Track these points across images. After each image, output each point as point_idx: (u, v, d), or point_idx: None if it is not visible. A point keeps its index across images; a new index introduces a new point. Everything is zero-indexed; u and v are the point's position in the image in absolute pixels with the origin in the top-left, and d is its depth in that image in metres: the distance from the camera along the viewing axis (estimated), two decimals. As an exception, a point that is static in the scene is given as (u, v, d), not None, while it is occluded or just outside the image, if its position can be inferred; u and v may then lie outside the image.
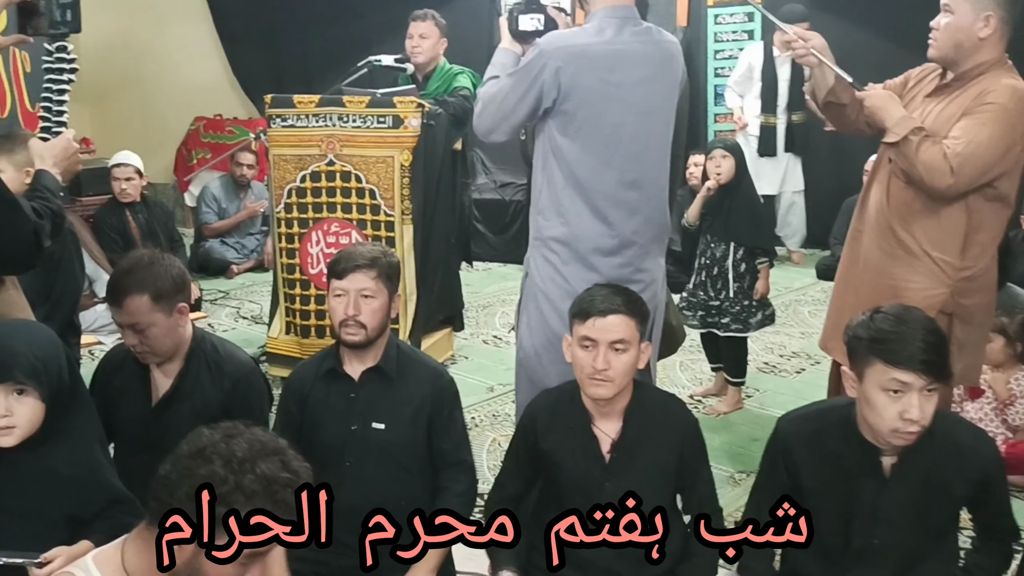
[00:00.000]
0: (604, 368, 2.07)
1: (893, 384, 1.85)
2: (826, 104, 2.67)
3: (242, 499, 1.39)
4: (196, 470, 1.39)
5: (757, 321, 3.79)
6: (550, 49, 2.33)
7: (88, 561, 1.47)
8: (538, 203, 2.49)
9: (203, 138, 7.73)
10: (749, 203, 3.88)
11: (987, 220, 2.50)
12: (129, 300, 2.23)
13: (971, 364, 2.65)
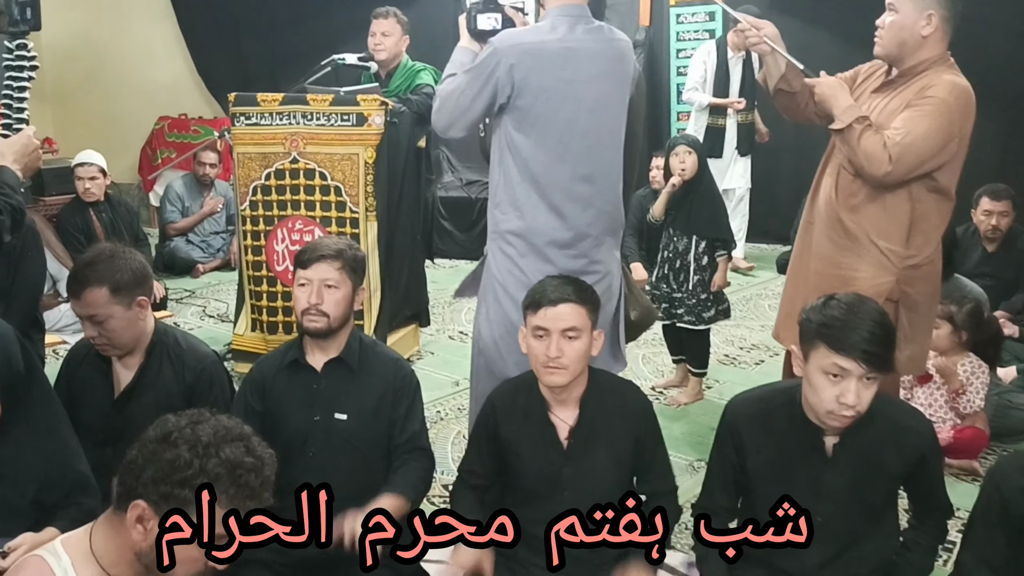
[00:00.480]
0: (557, 356, 2.13)
1: (833, 368, 1.93)
2: (777, 91, 2.74)
3: (204, 482, 1.43)
4: (162, 454, 1.44)
5: (710, 316, 3.88)
6: (504, 47, 2.38)
7: (57, 545, 1.50)
8: (495, 197, 2.54)
9: (168, 137, 7.69)
10: (710, 197, 3.97)
11: (930, 211, 2.58)
12: (88, 292, 2.25)
13: (917, 352, 2.73)
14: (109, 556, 1.50)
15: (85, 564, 1.48)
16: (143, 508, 1.45)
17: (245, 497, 1.48)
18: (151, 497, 1.45)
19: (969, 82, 2.60)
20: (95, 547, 1.50)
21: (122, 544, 1.49)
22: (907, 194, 2.53)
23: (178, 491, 1.44)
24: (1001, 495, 1.97)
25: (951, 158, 2.52)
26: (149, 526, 1.46)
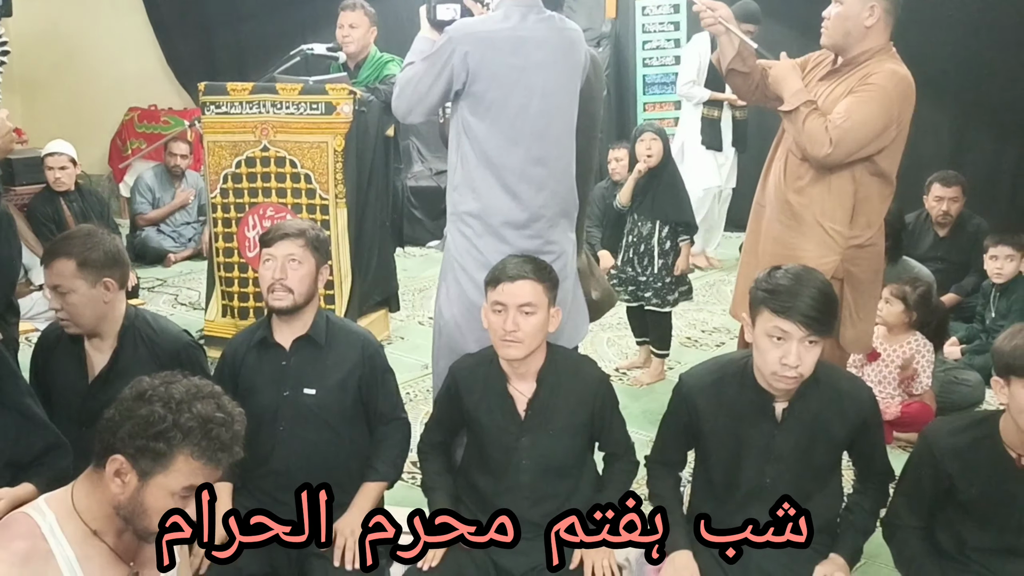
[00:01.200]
0: (514, 329, 2.23)
1: (776, 331, 2.05)
2: (729, 71, 2.85)
3: (179, 436, 1.53)
4: (137, 411, 1.53)
5: (674, 298, 4.01)
6: (459, 35, 2.48)
7: (41, 503, 1.59)
8: (453, 180, 2.64)
9: (137, 128, 7.70)
10: (673, 183, 4.11)
11: (873, 194, 2.70)
12: (56, 262, 2.33)
13: (863, 331, 2.85)
14: (91, 512, 1.58)
15: (68, 520, 1.57)
16: (120, 462, 1.54)
17: (216, 449, 1.57)
18: (128, 451, 1.53)
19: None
20: (77, 504, 1.59)
21: (102, 499, 1.58)
22: (850, 177, 2.65)
23: (153, 444, 1.53)
24: (932, 454, 2.11)
25: (890, 143, 2.64)
26: (127, 479, 1.54)
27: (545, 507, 2.36)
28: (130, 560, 1.63)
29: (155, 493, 1.55)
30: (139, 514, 1.57)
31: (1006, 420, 2.02)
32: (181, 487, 1.56)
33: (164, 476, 1.55)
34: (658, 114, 7.19)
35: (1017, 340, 1.94)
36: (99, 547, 1.58)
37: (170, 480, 1.55)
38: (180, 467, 1.55)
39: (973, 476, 2.05)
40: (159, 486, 1.55)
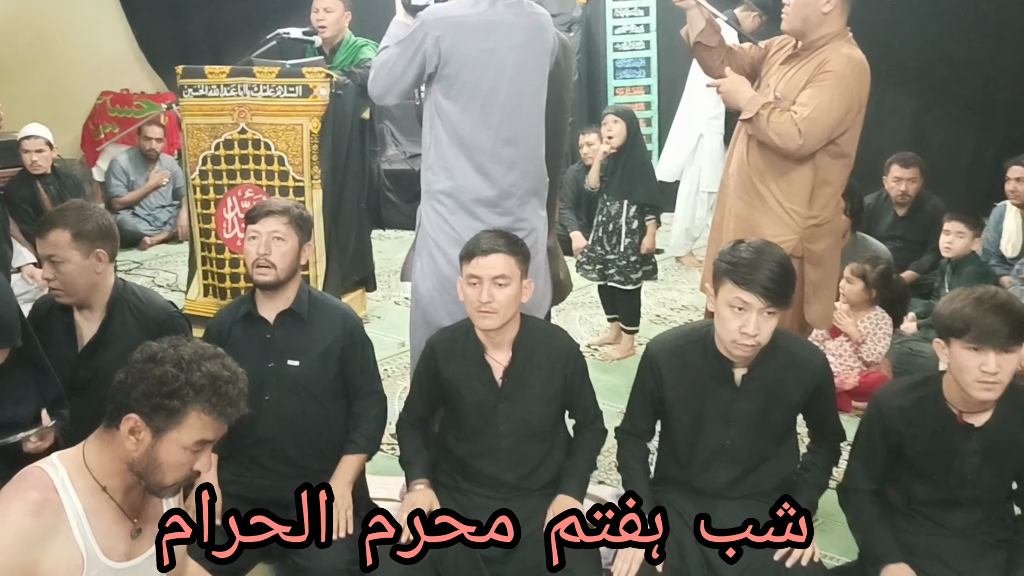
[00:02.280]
0: (488, 300, 2.34)
1: (737, 302, 2.18)
2: (696, 44, 2.98)
3: (192, 393, 1.63)
4: (150, 371, 1.63)
5: (638, 276, 4.15)
6: (431, 20, 2.57)
7: (54, 459, 1.68)
8: (427, 159, 2.73)
9: (110, 112, 7.68)
10: (640, 164, 4.23)
11: (831, 175, 2.83)
12: (52, 232, 2.42)
13: (824, 309, 2.99)
14: (102, 468, 1.68)
15: (79, 475, 1.66)
16: (135, 420, 1.63)
17: (226, 404, 1.67)
18: (143, 410, 1.62)
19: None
20: (88, 461, 1.68)
21: (113, 457, 1.67)
22: (811, 163, 2.78)
23: (167, 402, 1.62)
24: (882, 414, 2.25)
25: (852, 124, 2.79)
26: (141, 436, 1.63)
27: (521, 470, 2.48)
28: (134, 517, 1.73)
29: (169, 448, 1.64)
30: (153, 469, 1.66)
31: (948, 379, 2.17)
32: (193, 441, 1.65)
33: (177, 432, 1.64)
34: (628, 98, 7.32)
35: (955, 304, 2.08)
36: (107, 502, 1.68)
37: (183, 435, 1.64)
38: (192, 423, 1.64)
39: (919, 432, 2.20)
40: (173, 441, 1.64)
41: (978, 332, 2.02)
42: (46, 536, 1.59)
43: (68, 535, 1.61)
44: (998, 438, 2.15)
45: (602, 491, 3.00)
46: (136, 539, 1.73)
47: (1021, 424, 2.16)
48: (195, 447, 1.67)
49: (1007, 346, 2.02)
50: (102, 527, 1.66)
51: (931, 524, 2.24)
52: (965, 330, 2.04)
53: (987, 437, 2.16)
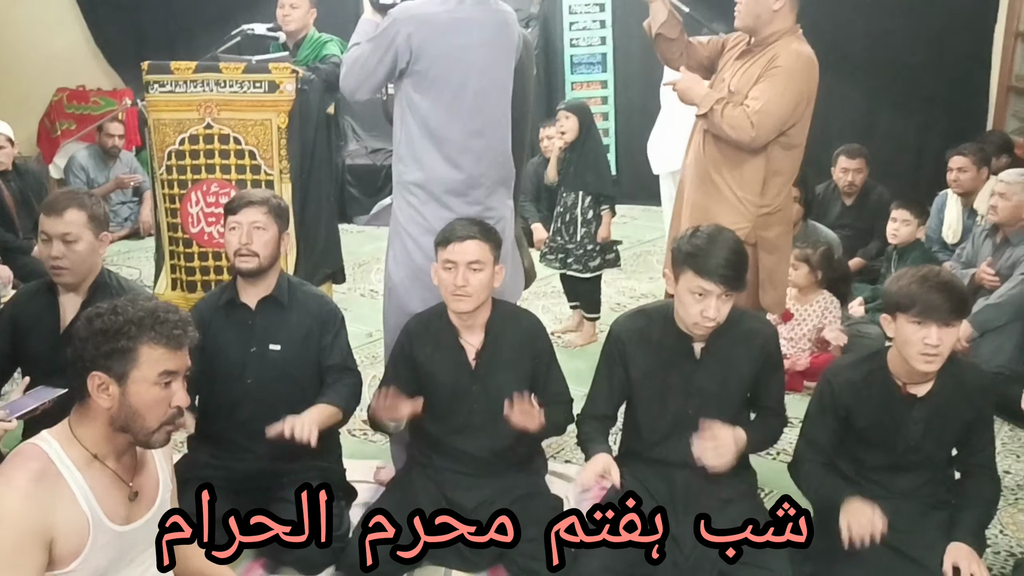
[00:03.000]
0: (463, 284, 2.46)
1: (698, 289, 2.32)
2: (657, 36, 3.11)
3: (135, 329, 1.71)
4: (93, 327, 1.72)
5: (596, 264, 4.30)
6: (402, 17, 2.66)
7: (44, 435, 1.76)
8: (398, 152, 2.83)
9: (67, 109, 7.62)
10: (594, 156, 4.37)
11: (782, 165, 2.98)
12: (69, 211, 2.55)
13: (778, 295, 3.14)
14: (90, 437, 1.76)
15: (71, 447, 1.74)
16: (98, 376, 1.71)
17: (172, 329, 1.74)
18: (100, 364, 1.71)
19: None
20: (76, 433, 1.76)
21: (96, 423, 1.75)
22: (764, 154, 2.92)
23: (116, 344, 1.70)
24: (831, 388, 2.41)
25: (802, 117, 2.94)
26: (110, 390, 1.71)
27: (495, 446, 2.61)
28: (129, 480, 1.81)
29: (137, 390, 1.72)
30: (132, 417, 1.73)
31: (893, 353, 2.33)
32: (156, 374, 1.73)
33: (137, 370, 1.71)
34: (586, 93, 7.45)
35: (902, 282, 2.24)
36: (101, 469, 1.76)
37: (144, 371, 1.72)
38: (147, 356, 1.72)
39: (866, 403, 2.36)
40: (137, 381, 1.72)
41: (922, 307, 2.18)
42: (53, 503, 1.67)
43: (72, 500, 1.70)
44: (939, 407, 2.32)
45: (568, 469, 3.12)
46: (134, 502, 1.81)
47: (959, 394, 2.33)
48: (161, 379, 1.73)
49: (948, 320, 2.19)
50: (101, 493, 1.74)
51: (879, 488, 2.39)
52: (910, 305, 2.20)
53: (929, 406, 2.32)
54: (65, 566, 1.71)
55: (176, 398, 1.77)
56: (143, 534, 1.85)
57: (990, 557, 2.63)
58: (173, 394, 1.76)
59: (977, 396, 2.33)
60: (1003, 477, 3.07)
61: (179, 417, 1.80)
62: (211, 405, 2.63)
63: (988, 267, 3.92)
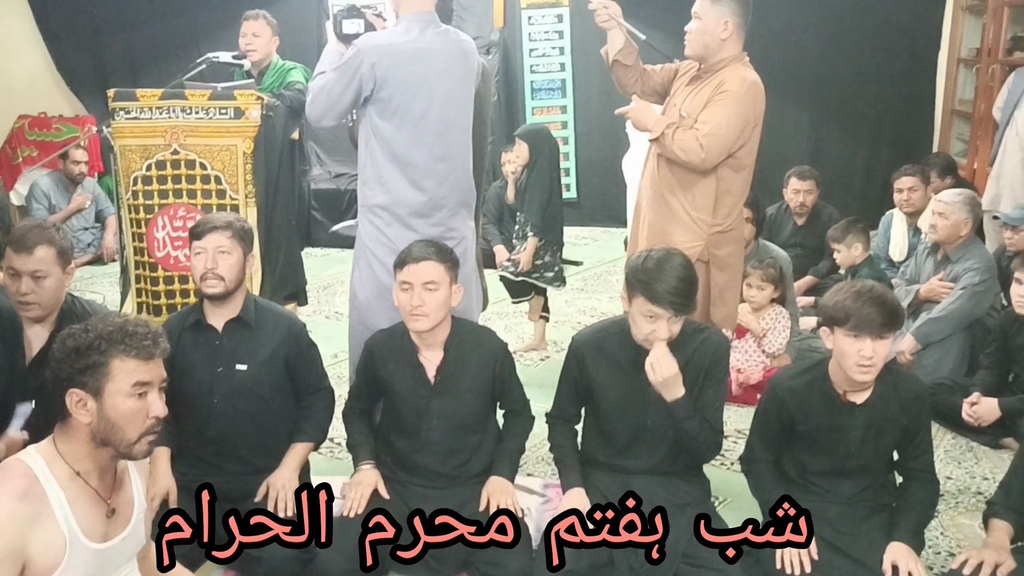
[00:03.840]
0: (420, 304, 2.55)
1: (649, 313, 2.43)
2: (614, 63, 3.24)
3: (105, 343, 1.78)
4: (66, 347, 1.79)
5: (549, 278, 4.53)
6: (366, 47, 2.76)
7: (31, 450, 1.82)
8: (363, 175, 2.92)
9: (28, 136, 7.61)
10: (535, 183, 4.53)
11: (732, 186, 3.12)
12: (39, 248, 2.58)
13: (729, 311, 3.27)
14: (74, 454, 1.82)
15: (55, 463, 1.80)
16: (75, 393, 1.78)
17: (141, 340, 1.81)
18: (76, 380, 1.77)
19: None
20: (60, 450, 1.82)
21: (79, 441, 1.81)
22: (714, 175, 3.06)
23: (88, 359, 1.77)
24: (776, 395, 2.54)
25: (749, 139, 3.08)
26: (88, 405, 1.78)
27: (455, 460, 2.69)
28: (108, 498, 1.87)
29: (114, 403, 1.78)
30: (112, 430, 1.79)
31: (833, 363, 2.46)
32: (130, 386, 1.79)
33: (111, 383, 1.78)
34: (546, 117, 7.61)
35: (838, 297, 2.37)
36: (83, 487, 1.82)
37: (118, 384, 1.78)
38: (119, 368, 1.78)
39: (809, 410, 2.49)
40: (112, 394, 1.78)
41: (857, 321, 2.32)
42: (33, 520, 1.72)
43: (52, 518, 1.75)
44: (877, 414, 2.45)
45: (531, 482, 3.21)
46: (111, 519, 1.87)
47: (896, 401, 2.46)
48: (135, 391, 1.79)
49: (881, 333, 2.32)
50: (81, 510, 1.80)
51: (822, 492, 2.52)
52: (846, 319, 2.33)
53: (867, 414, 2.45)
54: None
55: (153, 408, 1.83)
56: (119, 551, 1.91)
57: (931, 557, 2.76)
58: (150, 405, 1.82)
59: (913, 403, 2.46)
60: (945, 482, 3.24)
61: (158, 427, 1.85)
62: (179, 424, 2.67)
63: (939, 280, 4.07)
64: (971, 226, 4.03)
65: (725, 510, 2.98)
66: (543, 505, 2.98)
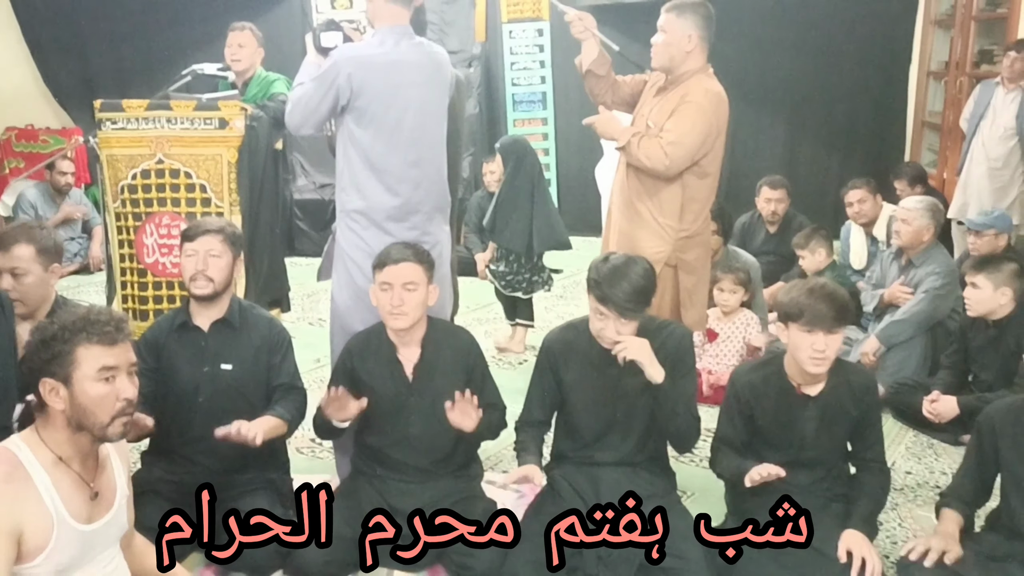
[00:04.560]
0: (399, 304, 2.66)
1: (598, 311, 2.56)
2: (587, 73, 3.36)
3: (68, 333, 1.89)
4: (34, 337, 1.91)
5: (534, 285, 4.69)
6: (343, 59, 2.88)
7: (15, 438, 1.93)
8: (341, 182, 3.03)
9: (15, 148, 7.70)
10: (508, 196, 4.69)
11: (698, 193, 3.23)
12: (17, 247, 2.68)
13: (698, 313, 3.38)
14: (55, 440, 1.92)
15: (39, 449, 1.91)
16: (47, 383, 1.89)
17: (102, 327, 1.91)
18: (46, 370, 1.88)
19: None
20: (42, 437, 1.92)
21: (57, 428, 1.91)
22: (679, 183, 3.18)
23: (54, 350, 1.88)
24: (736, 389, 2.66)
25: (712, 147, 3.21)
26: (60, 392, 1.88)
27: (432, 456, 2.80)
28: (91, 481, 1.97)
29: (83, 388, 1.88)
30: (85, 413, 1.89)
31: (788, 357, 2.59)
32: (96, 371, 1.89)
33: (78, 370, 1.88)
34: (527, 129, 7.75)
35: (792, 294, 2.50)
36: (66, 471, 1.92)
37: (84, 370, 1.89)
38: (84, 355, 1.89)
39: (766, 403, 2.61)
40: (80, 380, 1.88)
41: (810, 316, 2.44)
42: (20, 500, 1.83)
43: (39, 500, 1.85)
44: (830, 405, 2.58)
45: (496, 477, 3.32)
46: (95, 502, 1.97)
47: (848, 394, 2.59)
48: (101, 375, 1.90)
49: (832, 327, 2.45)
50: (65, 493, 1.90)
51: (781, 483, 2.62)
52: (800, 315, 2.46)
53: (821, 405, 2.58)
54: (31, 560, 1.86)
55: (122, 391, 1.92)
56: (103, 534, 2.01)
57: (888, 546, 2.88)
58: (119, 388, 1.92)
59: (864, 395, 2.59)
60: (905, 477, 3.38)
61: (129, 409, 1.95)
62: (165, 422, 2.75)
63: (901, 285, 4.21)
64: (933, 232, 4.17)
65: (691, 503, 3.10)
66: (517, 500, 3.09)
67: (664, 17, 3.19)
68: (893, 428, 3.82)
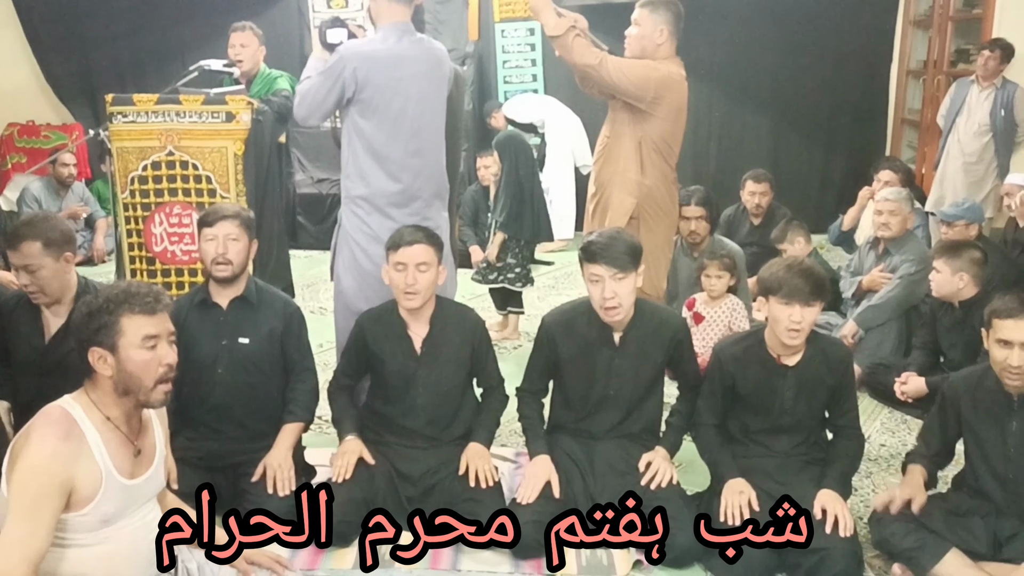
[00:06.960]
0: (413, 283, 2.85)
1: (593, 276, 2.76)
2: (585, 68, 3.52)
3: (113, 304, 2.05)
4: (82, 311, 2.08)
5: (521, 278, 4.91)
6: (348, 54, 3.06)
7: (67, 399, 2.08)
8: (346, 170, 3.22)
9: (17, 143, 7.84)
10: (507, 185, 4.89)
11: (652, 155, 3.51)
12: (24, 244, 2.81)
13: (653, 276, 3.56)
14: (103, 402, 2.09)
15: (89, 410, 2.07)
16: (96, 351, 2.05)
17: (144, 298, 2.07)
18: (94, 340, 2.04)
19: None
20: (92, 398, 2.09)
21: (105, 392, 2.08)
22: (636, 147, 3.48)
23: (100, 321, 2.03)
24: (719, 360, 2.85)
25: (652, 111, 3.42)
26: (108, 360, 2.04)
27: (437, 425, 2.99)
28: (135, 441, 2.15)
29: (128, 355, 2.04)
30: (131, 378, 2.06)
31: (768, 330, 2.79)
32: (140, 339, 2.05)
33: (123, 338, 2.04)
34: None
35: (772, 269, 2.71)
36: (113, 430, 2.09)
37: (129, 338, 2.04)
38: (128, 325, 2.04)
39: (747, 374, 2.81)
40: (125, 348, 2.04)
41: (788, 290, 2.64)
42: (76, 457, 1.99)
43: (90, 456, 2.03)
44: (807, 375, 2.77)
45: (504, 451, 3.52)
46: (138, 459, 2.14)
47: (824, 364, 2.78)
48: (145, 343, 2.05)
49: (809, 301, 2.65)
50: (113, 449, 2.07)
51: (762, 448, 2.83)
52: (778, 289, 2.66)
53: (798, 375, 2.77)
54: (80, 509, 2.03)
55: (164, 357, 2.09)
56: (144, 488, 2.18)
57: (863, 510, 3.07)
58: (161, 354, 2.09)
59: (838, 366, 2.79)
60: (879, 449, 3.59)
61: (170, 374, 2.11)
62: (186, 393, 2.92)
63: (880, 272, 4.42)
64: (914, 217, 4.39)
65: (680, 473, 3.29)
66: (515, 470, 3.28)
67: (638, 12, 3.46)
68: (869, 405, 4.03)
